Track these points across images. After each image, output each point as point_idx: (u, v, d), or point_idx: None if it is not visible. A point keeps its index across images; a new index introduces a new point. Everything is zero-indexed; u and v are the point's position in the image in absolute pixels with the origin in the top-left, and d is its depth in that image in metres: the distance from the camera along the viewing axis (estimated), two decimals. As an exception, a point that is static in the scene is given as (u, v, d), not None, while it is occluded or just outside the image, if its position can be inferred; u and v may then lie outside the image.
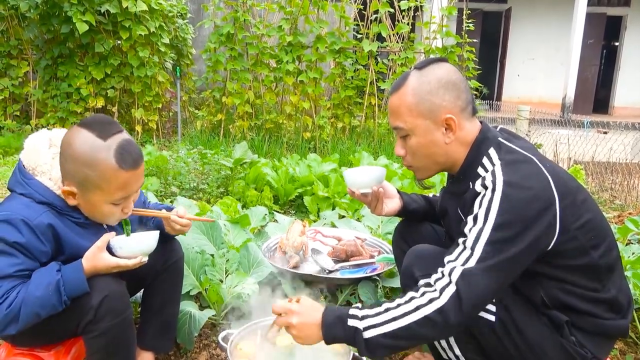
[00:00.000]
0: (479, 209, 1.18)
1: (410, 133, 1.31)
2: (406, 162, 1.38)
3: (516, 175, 1.18)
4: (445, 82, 1.28)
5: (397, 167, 4.07)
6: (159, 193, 3.37)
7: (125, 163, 1.25)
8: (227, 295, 1.78)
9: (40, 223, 1.26)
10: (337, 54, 5.90)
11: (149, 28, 5.76)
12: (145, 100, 6.03)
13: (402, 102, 1.30)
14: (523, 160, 1.24)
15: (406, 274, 1.40)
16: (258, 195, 3.44)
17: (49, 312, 1.23)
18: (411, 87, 1.29)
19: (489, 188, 1.18)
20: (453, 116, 1.28)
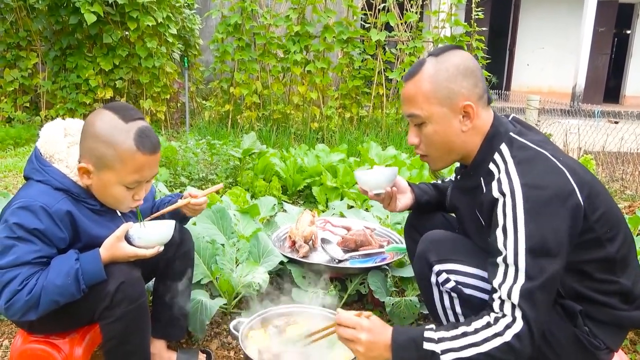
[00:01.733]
0: (504, 219, 1.14)
1: (426, 121, 1.28)
2: (420, 150, 1.35)
3: (532, 175, 1.16)
4: (463, 69, 1.26)
5: (405, 157, 4.06)
6: (169, 183, 3.39)
7: (144, 146, 1.28)
8: (238, 284, 1.80)
9: (58, 210, 1.28)
10: (344, 43, 5.86)
11: (157, 19, 5.75)
12: (153, 91, 6.04)
13: (419, 89, 1.27)
14: (536, 156, 1.21)
15: (421, 260, 1.38)
16: (266, 186, 3.44)
17: (67, 300, 1.26)
18: (428, 73, 1.26)
19: (508, 194, 1.15)
20: (472, 103, 1.25)
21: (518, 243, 1.12)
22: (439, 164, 1.36)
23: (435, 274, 1.33)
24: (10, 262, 1.23)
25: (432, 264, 1.32)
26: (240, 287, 1.80)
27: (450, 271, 1.31)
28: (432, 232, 1.44)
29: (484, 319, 1.15)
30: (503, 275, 1.14)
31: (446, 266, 1.31)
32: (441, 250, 1.34)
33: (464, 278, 1.30)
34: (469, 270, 1.30)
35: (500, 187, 1.17)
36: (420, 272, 1.39)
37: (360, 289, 1.94)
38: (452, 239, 1.38)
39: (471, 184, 1.32)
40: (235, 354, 1.77)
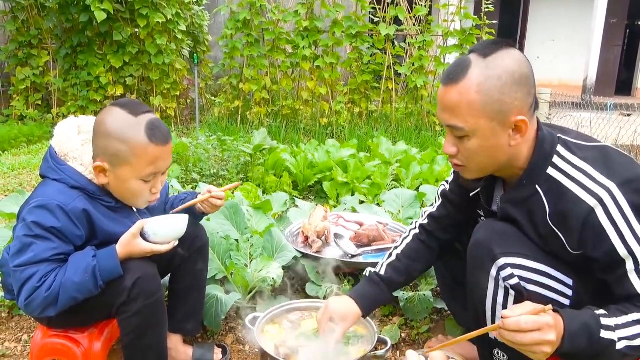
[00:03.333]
0: (615, 226, 1.08)
1: (470, 134, 1.15)
2: (457, 160, 1.22)
3: (617, 172, 1.11)
4: (518, 77, 1.12)
5: (416, 152, 4.05)
6: (181, 180, 3.41)
7: (156, 137, 1.30)
8: (252, 279, 1.81)
9: (75, 208, 1.30)
10: (353, 38, 5.85)
11: (166, 15, 5.79)
12: (163, 88, 6.08)
13: (464, 100, 1.12)
14: (603, 151, 1.16)
15: (481, 249, 1.26)
16: (277, 181, 3.46)
17: (85, 296, 1.28)
18: (476, 81, 1.11)
19: (607, 198, 1.08)
20: (525, 118, 1.12)
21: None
22: (475, 174, 1.26)
23: (497, 267, 1.22)
24: (29, 260, 1.26)
25: (497, 256, 1.22)
26: (255, 282, 1.81)
27: (515, 266, 1.20)
28: (491, 221, 1.34)
29: None
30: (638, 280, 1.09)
31: (512, 260, 1.21)
32: (506, 242, 1.24)
33: (528, 274, 1.20)
34: (534, 266, 1.21)
35: (594, 194, 1.10)
36: (479, 261, 1.27)
37: (373, 284, 1.94)
38: (514, 232, 1.27)
39: (525, 194, 1.22)
40: (250, 349, 1.79)
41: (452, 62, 1.19)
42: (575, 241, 1.15)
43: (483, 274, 1.25)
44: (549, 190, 1.18)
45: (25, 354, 1.75)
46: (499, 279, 1.23)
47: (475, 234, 1.32)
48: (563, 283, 1.22)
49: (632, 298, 1.10)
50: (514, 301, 1.22)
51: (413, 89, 6.05)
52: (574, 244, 1.15)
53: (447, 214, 1.54)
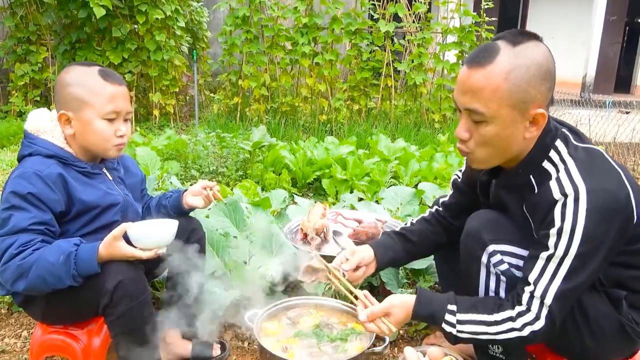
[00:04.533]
0: (562, 221, 1.11)
1: (488, 120, 1.14)
2: (467, 147, 1.22)
3: (594, 178, 1.12)
4: (544, 71, 1.12)
5: (415, 149, 4.05)
6: (180, 176, 3.42)
7: (109, 77, 1.43)
8: (251, 276, 1.82)
9: (50, 173, 1.35)
10: (353, 35, 5.84)
11: (165, 12, 5.77)
12: (162, 85, 6.06)
13: (490, 84, 1.11)
14: (594, 156, 1.18)
15: (472, 237, 1.31)
16: (276, 178, 3.46)
17: (55, 283, 1.28)
18: (505, 68, 1.11)
19: (571, 196, 1.11)
20: (545, 111, 1.14)
21: (571, 246, 1.11)
22: (482, 164, 1.27)
23: (488, 254, 1.27)
24: (9, 230, 1.30)
25: (486, 243, 1.27)
26: (254, 279, 1.82)
27: (505, 252, 1.26)
28: (484, 211, 1.38)
29: (507, 312, 1.17)
30: (541, 271, 1.14)
31: (501, 247, 1.26)
32: (496, 230, 1.28)
33: (517, 260, 1.26)
34: (521, 253, 1.26)
35: (562, 189, 1.13)
36: (470, 249, 1.32)
37: (372, 281, 1.96)
38: (504, 219, 1.32)
39: (518, 182, 1.26)
40: (249, 345, 1.80)
41: (478, 46, 1.19)
42: (537, 227, 1.20)
43: (475, 261, 1.31)
44: (540, 182, 1.21)
45: (25, 350, 1.76)
46: (489, 266, 1.29)
47: (467, 224, 1.37)
48: None
49: (522, 282, 1.18)
50: (506, 287, 1.28)
51: (412, 86, 6.05)
52: (536, 228, 1.21)
53: (457, 202, 1.58)
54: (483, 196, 1.44)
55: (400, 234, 1.60)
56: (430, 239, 1.60)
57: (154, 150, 3.50)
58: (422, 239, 1.59)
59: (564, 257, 1.12)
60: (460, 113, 1.21)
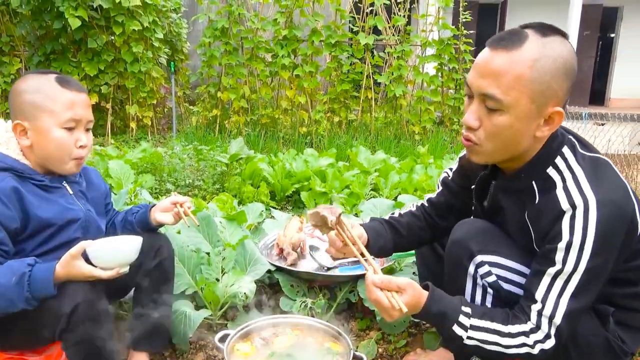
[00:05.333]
0: (571, 235, 1.05)
1: (504, 109, 1.06)
2: (473, 137, 1.13)
3: (604, 190, 1.07)
4: (569, 67, 1.06)
5: (395, 161, 4.02)
6: (154, 190, 3.32)
7: (67, 84, 1.35)
8: (224, 294, 1.74)
9: (3, 187, 1.27)
10: (332, 47, 5.84)
11: (143, 23, 5.69)
12: (140, 97, 5.96)
13: (514, 70, 1.03)
14: (603, 166, 1.13)
15: (459, 246, 1.25)
16: (254, 191, 3.39)
17: (7, 307, 1.19)
18: (532, 56, 1.03)
19: (580, 208, 1.05)
20: (562, 111, 1.07)
21: (580, 261, 1.06)
22: (486, 158, 1.17)
23: (475, 265, 1.22)
24: None
25: (474, 253, 1.21)
26: (226, 298, 1.74)
27: (493, 264, 1.20)
28: (472, 219, 1.33)
29: (522, 326, 1.12)
30: (547, 288, 1.09)
31: (489, 258, 1.21)
32: (485, 240, 1.23)
33: (505, 273, 1.20)
34: (511, 265, 1.20)
35: (571, 199, 1.07)
36: (456, 259, 1.26)
37: (349, 297, 1.89)
38: (493, 230, 1.26)
39: (519, 186, 1.19)
40: (221, 367, 1.72)
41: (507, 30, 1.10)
42: (539, 239, 1.15)
43: (461, 271, 1.25)
44: (543, 188, 1.15)
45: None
46: (476, 277, 1.23)
47: (453, 233, 1.31)
48: None
49: (528, 299, 1.12)
50: (493, 300, 1.22)
51: (392, 98, 6.06)
52: (538, 241, 1.15)
53: (446, 202, 1.51)
54: (478, 199, 1.37)
55: (390, 224, 1.50)
56: (417, 235, 1.52)
57: (128, 163, 3.40)
58: (410, 233, 1.51)
59: (573, 273, 1.07)
60: (471, 99, 1.13)
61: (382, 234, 1.47)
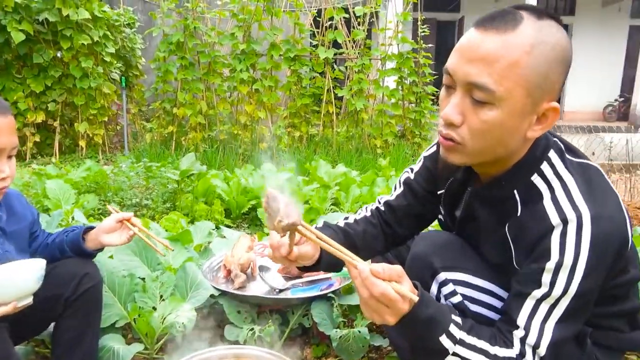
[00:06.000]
0: (561, 254, 0.91)
1: (495, 102, 0.89)
2: (454, 134, 0.95)
3: (598, 202, 0.94)
4: (567, 57, 0.92)
5: (355, 175, 3.90)
6: (97, 211, 3.08)
7: None
8: (160, 324, 1.54)
9: None
10: (292, 61, 5.74)
11: (92, 37, 5.45)
12: (90, 114, 5.67)
13: (509, 55, 0.87)
14: (593, 173, 0.99)
15: (421, 261, 1.10)
16: (208, 209, 3.19)
17: None
18: (529, 40, 0.87)
19: (573, 224, 0.91)
20: (558, 106, 0.93)
21: (571, 284, 0.91)
22: (467, 159, 0.99)
23: (438, 283, 1.07)
24: None
25: (437, 271, 1.07)
26: (163, 328, 1.54)
27: (458, 282, 1.06)
28: (433, 232, 1.18)
29: (508, 351, 0.94)
30: (531, 313, 0.94)
31: (454, 275, 1.06)
32: (448, 255, 1.08)
33: (471, 292, 1.06)
34: (479, 284, 1.06)
35: (562, 213, 0.93)
36: (417, 276, 1.07)
37: (303, 322, 1.72)
38: (459, 243, 1.12)
39: (499, 195, 1.03)
40: (158, 409, 1.51)
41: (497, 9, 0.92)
42: (522, 256, 0.99)
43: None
44: (526, 199, 1.00)
45: None
46: (439, 297, 1.08)
47: (414, 247, 1.15)
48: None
49: (508, 324, 0.97)
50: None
51: (353, 112, 5.99)
52: (520, 259, 1.00)
53: (407, 205, 1.30)
54: (448, 207, 1.21)
55: (346, 234, 1.27)
56: (371, 246, 1.31)
57: (69, 182, 3.14)
58: (364, 244, 1.29)
59: (561, 297, 0.92)
60: (450, 90, 0.96)
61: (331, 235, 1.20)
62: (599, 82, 13.60)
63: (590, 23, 13.12)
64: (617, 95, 13.83)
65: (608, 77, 13.72)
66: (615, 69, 14.03)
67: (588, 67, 13.31)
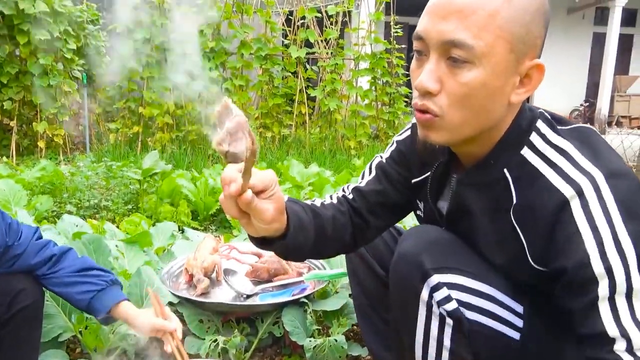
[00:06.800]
0: (594, 230, 0.77)
1: (475, 61, 0.78)
2: (432, 106, 0.83)
3: (604, 159, 0.82)
4: (546, 9, 0.82)
5: (329, 175, 3.77)
6: (51, 213, 2.85)
7: None
8: (110, 337, 1.36)
9: None
10: (263, 60, 5.58)
11: (52, 32, 5.17)
12: (49, 113, 5.37)
13: (487, 4, 0.77)
14: (588, 134, 0.87)
15: (409, 261, 0.94)
16: (173, 211, 3.00)
17: None
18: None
19: (589, 190, 0.79)
20: (542, 64, 0.82)
21: (627, 257, 0.75)
22: (449, 135, 0.86)
23: (429, 288, 0.91)
24: None
25: (428, 273, 0.91)
26: (114, 341, 1.36)
27: (453, 285, 0.90)
28: (421, 228, 1.02)
29: None
30: (614, 315, 0.75)
31: (449, 278, 0.90)
32: (440, 254, 0.93)
33: (469, 297, 0.90)
34: (477, 287, 0.91)
35: (572, 182, 0.80)
36: (405, 280, 0.95)
37: (273, 331, 1.57)
38: (451, 240, 0.97)
39: (488, 178, 0.91)
40: None
41: None
42: (539, 246, 0.85)
43: (411, 296, 0.94)
44: (520, 176, 0.87)
45: None
46: (431, 304, 0.92)
47: (400, 244, 0.99)
48: (512, 311, 0.93)
49: (598, 343, 0.76)
50: (453, 333, 0.91)
51: (327, 113, 5.87)
52: (537, 250, 0.85)
53: (382, 191, 1.11)
54: (430, 197, 1.05)
55: (316, 215, 1.02)
56: (340, 235, 1.08)
57: (20, 183, 2.90)
58: (335, 232, 1.06)
59: (630, 277, 0.75)
60: (421, 57, 0.85)
61: (305, 226, 0.96)
62: (566, 87, 13.91)
63: (556, 30, 13.38)
64: (582, 100, 14.17)
65: (574, 82, 14.05)
66: (581, 75, 14.40)
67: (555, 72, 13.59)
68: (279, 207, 0.81)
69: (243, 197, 0.74)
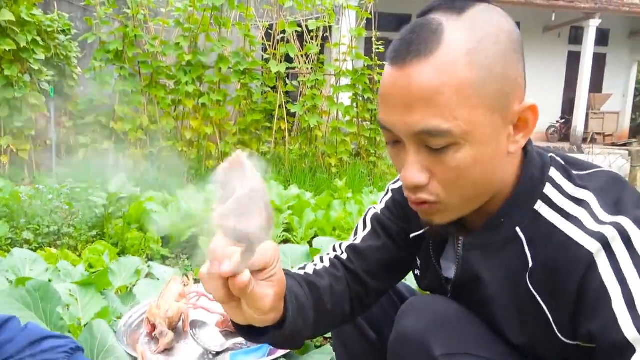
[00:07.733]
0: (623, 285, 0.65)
1: (460, 141, 0.68)
2: (426, 196, 0.73)
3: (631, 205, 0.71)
4: (516, 39, 0.71)
5: (309, 197, 3.60)
6: (5, 242, 2.60)
7: None
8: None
9: None
10: (242, 75, 5.42)
11: (19, 42, 4.92)
12: (14, 127, 5.09)
13: (449, 79, 0.66)
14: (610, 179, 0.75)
15: (411, 344, 0.79)
16: (141, 237, 2.78)
17: None
18: (463, 48, 0.66)
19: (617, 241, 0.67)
20: (534, 103, 0.73)
21: None
22: (455, 215, 0.76)
23: None
24: None
25: (436, 358, 0.75)
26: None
27: None
28: (424, 299, 0.87)
29: None
30: None
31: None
32: (452, 335, 0.78)
33: None
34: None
35: (597, 234, 0.68)
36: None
37: (246, 393, 1.38)
38: (462, 315, 0.82)
39: (501, 238, 0.78)
40: None
41: (404, 28, 0.71)
42: (566, 315, 0.70)
43: None
44: (535, 236, 0.74)
45: None
46: None
47: (400, 320, 0.84)
48: None
49: None
50: None
51: (307, 129, 5.73)
52: (564, 320, 0.71)
53: (381, 247, 0.96)
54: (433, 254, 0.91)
55: (313, 286, 0.87)
56: (341, 307, 0.92)
57: (-29, 207, 2.66)
58: (335, 304, 0.90)
59: None
60: (397, 145, 0.74)
61: (303, 305, 0.80)
62: (542, 104, 14.03)
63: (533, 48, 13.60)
64: (558, 116, 14.39)
65: (550, 99, 14.26)
66: (556, 92, 14.65)
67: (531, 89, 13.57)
68: (279, 291, 0.65)
69: (238, 279, 0.58)
